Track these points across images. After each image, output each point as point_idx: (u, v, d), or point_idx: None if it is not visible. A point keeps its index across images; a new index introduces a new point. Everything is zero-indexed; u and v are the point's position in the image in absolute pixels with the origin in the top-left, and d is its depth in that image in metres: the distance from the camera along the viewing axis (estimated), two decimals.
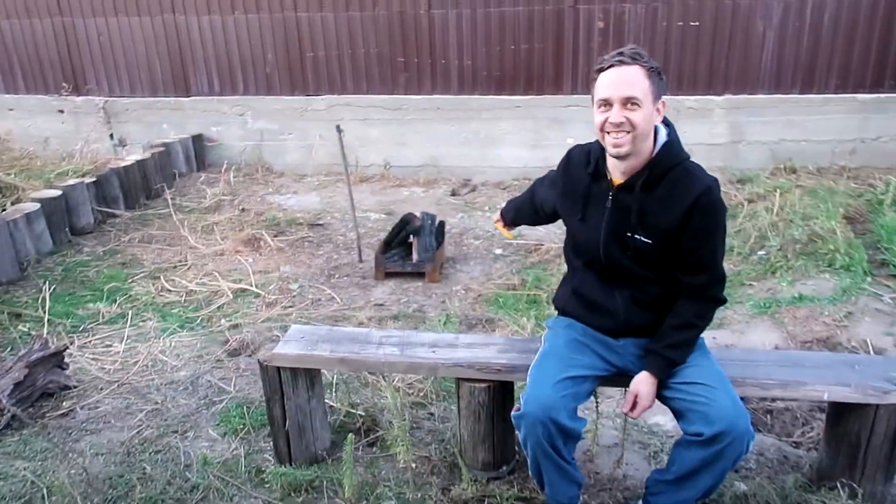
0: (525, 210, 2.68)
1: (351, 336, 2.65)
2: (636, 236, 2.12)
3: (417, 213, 4.93)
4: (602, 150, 2.15)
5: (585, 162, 2.22)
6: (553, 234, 5.37)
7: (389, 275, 4.90)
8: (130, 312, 4.39)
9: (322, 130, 7.14)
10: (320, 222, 6.01)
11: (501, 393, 2.48)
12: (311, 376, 2.61)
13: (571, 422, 2.08)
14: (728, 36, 6.13)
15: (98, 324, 4.27)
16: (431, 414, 3.07)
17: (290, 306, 4.46)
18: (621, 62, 2.00)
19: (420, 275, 4.85)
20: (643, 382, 2.15)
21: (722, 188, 2.14)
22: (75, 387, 3.28)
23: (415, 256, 4.86)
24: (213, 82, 7.33)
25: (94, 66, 7.54)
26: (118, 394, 3.24)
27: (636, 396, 2.15)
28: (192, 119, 7.44)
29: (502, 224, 2.79)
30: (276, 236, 5.64)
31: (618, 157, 2.07)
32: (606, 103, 2.02)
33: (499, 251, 5.29)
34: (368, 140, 7.08)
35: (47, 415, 3.08)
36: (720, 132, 6.33)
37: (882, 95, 6.03)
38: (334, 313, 4.34)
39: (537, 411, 2.05)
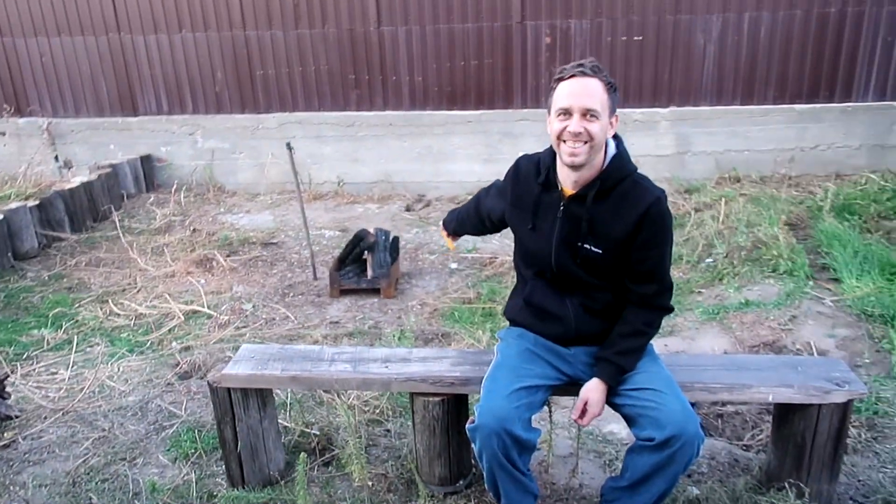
0: (469, 220, 2.70)
1: (303, 354, 2.62)
2: (586, 246, 2.16)
3: (371, 230, 4.91)
4: (552, 159, 2.18)
5: (535, 172, 2.25)
6: (507, 247, 5.41)
7: (345, 292, 4.86)
8: (77, 338, 4.26)
9: (274, 149, 7.10)
10: (274, 241, 5.94)
11: (456, 406, 2.48)
12: (262, 396, 2.57)
13: (526, 432, 2.09)
14: (671, 50, 6.31)
15: (42, 350, 4.13)
16: (388, 431, 3.05)
17: (244, 326, 4.39)
18: (583, 73, 2.04)
19: (375, 291, 4.84)
20: (593, 390, 2.18)
21: (670, 198, 2.21)
22: (17, 416, 3.16)
23: (369, 273, 4.84)
24: (162, 101, 7.22)
25: (37, 87, 7.36)
26: (63, 422, 3.14)
27: (586, 403, 2.18)
28: (140, 139, 7.31)
29: (446, 234, 2.82)
30: (228, 256, 5.56)
31: (572, 167, 2.10)
32: (566, 112, 2.04)
33: (454, 265, 5.30)
34: (321, 157, 7.05)
35: None
36: (666, 143, 6.48)
37: (818, 106, 6.26)
38: (289, 332, 4.29)
39: (492, 423, 2.06)
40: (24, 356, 4.06)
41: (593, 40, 6.36)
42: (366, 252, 4.91)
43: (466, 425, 2.15)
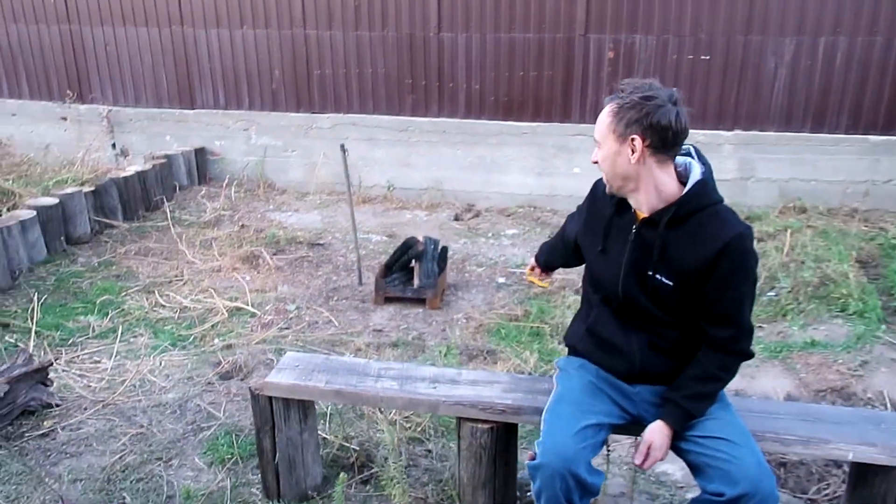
0: (557, 249, 2.56)
1: (348, 367, 2.53)
2: (657, 276, 2.02)
3: (420, 238, 4.82)
4: None
5: (612, 197, 2.13)
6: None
7: (389, 299, 4.78)
8: (122, 327, 4.27)
9: (326, 149, 7.07)
10: (320, 242, 5.90)
11: (505, 435, 2.36)
12: (304, 407, 2.49)
13: (591, 476, 1.96)
14: (739, 71, 6.08)
15: (88, 338, 4.14)
16: (429, 451, 2.94)
17: (286, 328, 4.34)
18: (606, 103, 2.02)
19: (420, 301, 4.74)
20: (657, 432, 2.03)
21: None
22: (58, 405, 3.14)
23: (416, 282, 4.74)
24: (219, 96, 7.26)
25: (100, 75, 7.47)
26: (102, 415, 3.11)
27: (649, 447, 2.03)
28: (195, 132, 7.36)
29: (538, 271, 2.65)
30: (275, 254, 5.53)
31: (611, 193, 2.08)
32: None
33: (501, 280, 5.18)
34: (372, 160, 7.00)
35: (26, 434, 2.94)
36: (729, 168, 6.25)
37: (893, 138, 5.96)
38: (331, 337, 4.22)
39: (556, 463, 1.92)
40: (70, 342, 4.07)
41: (658, 57, 6.17)
42: (413, 260, 4.82)
43: (527, 461, 2.02)
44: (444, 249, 4.95)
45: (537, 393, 2.37)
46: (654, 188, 1.99)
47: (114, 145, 7.59)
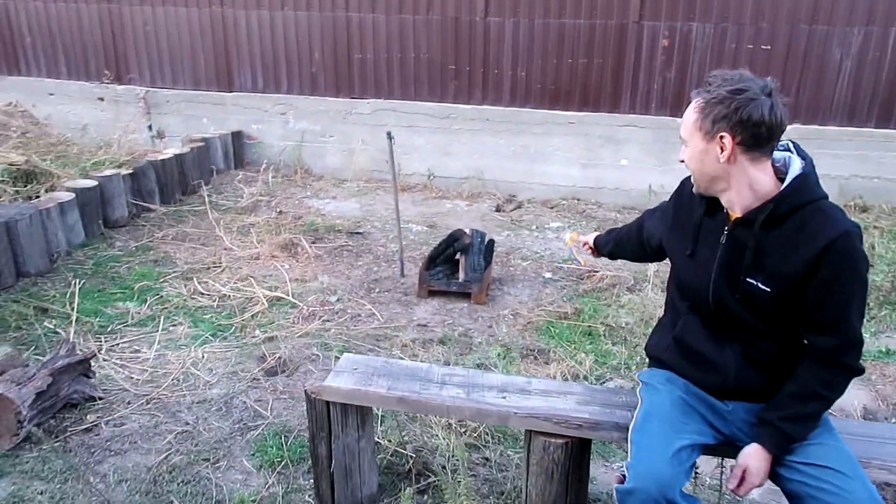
0: (628, 243, 2.41)
1: (410, 371, 2.37)
2: (751, 281, 1.83)
3: (466, 230, 4.65)
4: None
5: (700, 197, 1.95)
6: (614, 264, 5.06)
7: (433, 293, 4.62)
8: (161, 315, 4.16)
9: (365, 135, 6.92)
10: (360, 231, 5.75)
11: (580, 451, 2.19)
12: (362, 414, 2.34)
13: (685, 502, 1.79)
14: (801, 62, 5.80)
15: (127, 325, 4.04)
16: (487, 459, 2.78)
17: (328, 320, 4.20)
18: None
19: (465, 295, 4.57)
20: (754, 457, 1.84)
21: None
22: (101, 398, 3.03)
23: (461, 275, 4.58)
24: (257, 79, 7.13)
25: (138, 55, 7.38)
26: (146, 410, 2.99)
27: (745, 471, 1.85)
28: (232, 115, 7.25)
29: (587, 247, 2.51)
30: (313, 243, 5.40)
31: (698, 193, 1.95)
32: None
33: (548, 275, 4.99)
34: (413, 148, 6.83)
35: (69, 429, 2.83)
36: None
37: None
38: (375, 331, 4.08)
39: (652, 488, 1.75)
40: (109, 329, 3.97)
41: (715, 46, 5.91)
42: (458, 253, 4.65)
43: (615, 485, 1.86)
44: (491, 242, 4.78)
45: (615, 406, 2.20)
46: (747, 187, 1.82)
47: (150, 127, 7.51)
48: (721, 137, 1.75)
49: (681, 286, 2.04)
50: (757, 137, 1.75)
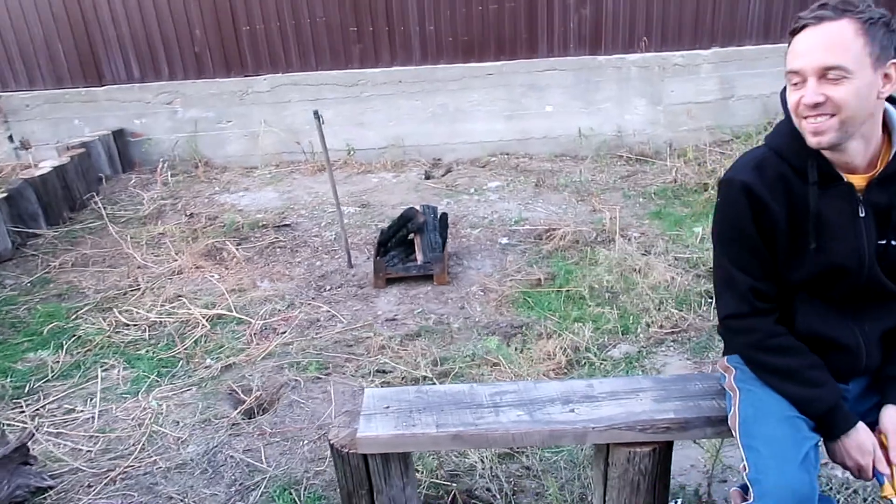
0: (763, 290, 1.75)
1: (452, 398, 2.00)
2: (893, 242, 1.59)
3: (418, 207, 4.25)
4: (800, 149, 1.58)
5: (792, 174, 1.61)
6: (567, 217, 4.83)
7: (390, 280, 4.22)
8: (86, 360, 3.55)
9: (266, 115, 6.29)
10: (286, 223, 5.21)
11: (666, 454, 1.91)
12: (405, 459, 1.95)
13: None
14: None
15: (47, 380, 3.41)
16: (528, 469, 2.47)
17: (283, 332, 3.72)
18: (820, 18, 1.46)
19: (426, 278, 4.20)
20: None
21: (715, 150, 1.65)
22: (51, 487, 2.47)
23: (419, 257, 4.19)
24: (132, 67, 6.28)
25: None
26: (114, 491, 2.46)
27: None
28: (108, 112, 6.39)
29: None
30: (239, 244, 4.84)
31: (822, 148, 1.54)
32: (798, 75, 1.50)
33: (504, 240, 4.69)
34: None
35: None
36: (710, 88, 5.93)
37: None
38: (342, 336, 3.64)
39: (789, 502, 1.49)
40: (27, 389, 3.33)
41: None
42: (411, 234, 4.26)
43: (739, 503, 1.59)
44: (445, 216, 4.41)
45: (696, 397, 1.93)
46: (876, 131, 1.55)
47: (10, 138, 6.51)
48: (890, 65, 1.46)
49: (803, 279, 1.67)
50: None
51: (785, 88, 1.62)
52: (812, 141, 1.53)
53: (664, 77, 5.89)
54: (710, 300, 3.63)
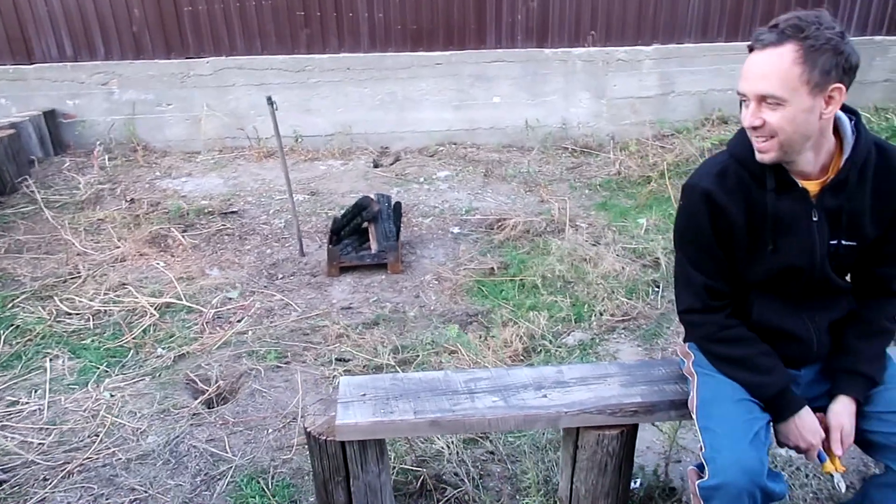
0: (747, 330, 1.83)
1: (428, 385, 2.04)
2: (843, 242, 1.71)
3: (372, 195, 4.25)
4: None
5: (751, 180, 1.70)
6: (516, 207, 4.92)
7: (344, 269, 4.21)
8: (28, 350, 3.41)
9: (210, 99, 6.14)
10: (233, 210, 5.12)
11: (632, 437, 2.01)
12: (380, 445, 1.98)
13: (776, 484, 1.66)
14: None
15: None
16: (492, 453, 2.53)
17: (238, 320, 3.67)
18: (765, 44, 1.53)
19: (380, 266, 4.22)
20: (844, 412, 1.74)
21: (655, 144, 1.78)
22: (4, 482, 2.38)
23: (373, 245, 4.20)
24: (64, 45, 6.01)
25: None
26: (73, 484, 2.38)
27: (841, 431, 1.74)
28: (38, 91, 6.10)
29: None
30: (184, 231, 4.72)
31: (766, 163, 1.64)
32: (743, 97, 1.60)
33: (456, 230, 4.74)
34: (267, 109, 6.14)
35: None
36: (650, 84, 6.12)
37: None
38: (298, 324, 3.62)
39: (742, 480, 1.60)
40: None
41: None
42: (365, 223, 4.26)
43: (696, 482, 1.69)
44: (399, 205, 4.42)
45: (661, 381, 2.03)
46: (827, 143, 1.66)
47: None
48: (833, 90, 1.53)
49: (762, 280, 1.78)
50: (850, 84, 1.56)
51: None
52: (758, 157, 1.63)
53: (608, 71, 6.05)
54: (657, 289, 3.78)
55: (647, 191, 5.09)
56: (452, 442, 2.56)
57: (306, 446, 2.10)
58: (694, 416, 1.81)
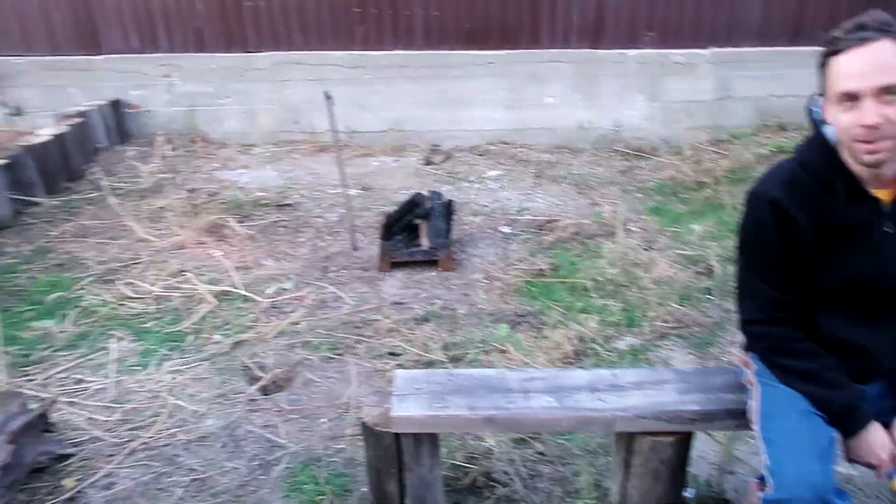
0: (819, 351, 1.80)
1: (483, 382, 2.07)
2: None
3: (425, 192, 4.30)
4: (830, 165, 1.65)
5: (823, 190, 1.66)
6: (567, 209, 4.92)
7: (395, 264, 4.27)
8: (93, 331, 3.55)
9: (267, 93, 6.27)
10: (288, 202, 5.22)
11: (686, 445, 2.01)
12: (433, 439, 2.03)
13: (842, 501, 1.65)
14: None
15: (54, 350, 3.41)
16: (542, 454, 2.56)
17: (292, 311, 3.76)
18: (865, 39, 1.49)
19: (431, 263, 4.26)
20: None
21: (709, 148, 1.73)
22: (72, 455, 2.50)
23: (424, 242, 4.25)
24: (131, 38, 6.21)
25: None
26: (136, 461, 2.49)
27: None
28: (105, 82, 6.30)
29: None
30: (241, 222, 4.84)
31: (870, 166, 1.58)
32: (851, 98, 1.52)
33: (506, 229, 4.76)
34: (321, 104, 6.21)
35: (47, 503, 2.30)
36: (705, 88, 6.04)
37: None
38: (350, 318, 3.69)
39: (807, 494, 1.59)
40: (33, 359, 3.33)
41: None
42: (417, 219, 4.31)
43: (760, 495, 1.68)
44: (451, 203, 4.45)
45: (719, 391, 2.03)
46: None
47: (4, 104, 6.40)
48: None
49: (827, 289, 1.75)
50: None
51: (812, 103, 1.69)
52: (867, 159, 1.56)
53: (664, 74, 5.99)
54: (710, 297, 3.75)
55: (701, 196, 5.03)
56: (503, 441, 2.59)
57: (359, 437, 2.17)
58: (755, 427, 1.80)
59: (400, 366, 3.12)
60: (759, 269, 1.79)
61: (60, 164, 5.24)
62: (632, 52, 6.00)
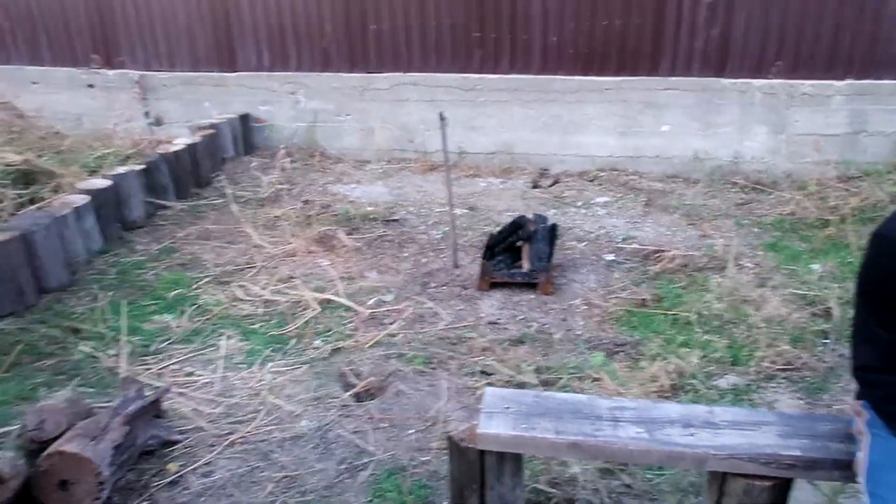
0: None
1: (571, 407, 2.04)
2: None
3: (530, 215, 4.30)
4: None
5: None
6: (676, 240, 4.76)
7: (494, 285, 4.28)
8: (206, 328, 3.78)
9: (384, 112, 6.48)
10: (395, 218, 5.36)
11: (783, 491, 1.89)
12: (517, 459, 2.01)
13: None
14: (857, 10, 5.44)
15: (171, 343, 3.65)
16: (629, 487, 2.47)
17: (390, 323, 3.84)
18: None
19: (530, 286, 4.23)
20: None
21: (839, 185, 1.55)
22: (178, 442, 2.66)
23: (525, 264, 4.23)
24: (262, 56, 6.62)
25: (129, 36, 6.81)
26: (234, 453, 2.62)
27: None
28: (236, 97, 6.75)
29: None
30: (349, 234, 5.01)
31: None
32: None
33: (610, 257, 4.67)
34: (435, 124, 6.33)
35: (153, 485, 2.46)
36: (838, 121, 5.69)
37: None
38: (445, 333, 3.73)
39: None
40: (152, 349, 3.58)
41: None
42: (520, 241, 4.30)
43: None
44: (555, 227, 4.43)
45: (825, 438, 1.89)
46: None
47: (146, 114, 6.98)
48: None
49: None
50: None
51: None
52: None
53: (790, 105, 5.70)
54: (826, 341, 3.51)
55: (824, 235, 4.73)
56: (588, 469, 2.53)
57: (445, 451, 2.18)
58: (861, 480, 1.67)
59: (490, 384, 3.12)
60: (878, 313, 1.67)
61: (191, 171, 5.64)
62: (757, 82, 5.76)
